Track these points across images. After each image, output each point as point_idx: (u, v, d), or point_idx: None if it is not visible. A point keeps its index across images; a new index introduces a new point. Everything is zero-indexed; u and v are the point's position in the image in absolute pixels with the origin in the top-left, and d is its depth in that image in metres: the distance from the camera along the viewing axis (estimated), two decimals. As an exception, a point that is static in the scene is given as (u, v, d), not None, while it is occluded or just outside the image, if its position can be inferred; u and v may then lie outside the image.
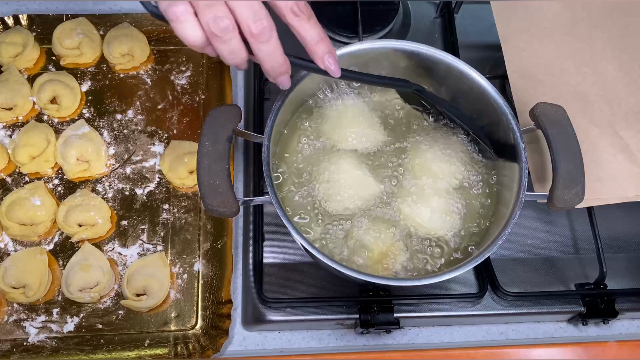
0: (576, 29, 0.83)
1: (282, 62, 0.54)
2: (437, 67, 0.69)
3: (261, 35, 0.50)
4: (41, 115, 0.83)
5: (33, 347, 0.70)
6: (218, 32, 0.49)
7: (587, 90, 0.80)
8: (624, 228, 0.81)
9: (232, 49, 0.51)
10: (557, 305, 0.75)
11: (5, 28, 0.87)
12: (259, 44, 0.51)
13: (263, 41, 0.51)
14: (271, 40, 0.51)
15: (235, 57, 0.52)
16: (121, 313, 0.73)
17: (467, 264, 0.59)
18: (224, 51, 0.51)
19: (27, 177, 0.79)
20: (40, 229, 0.75)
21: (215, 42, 0.50)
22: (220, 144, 0.60)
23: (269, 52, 0.52)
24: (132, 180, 0.80)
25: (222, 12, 0.49)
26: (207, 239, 0.76)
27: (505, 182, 0.68)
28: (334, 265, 0.58)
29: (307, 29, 0.53)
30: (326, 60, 0.55)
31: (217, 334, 0.71)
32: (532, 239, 0.79)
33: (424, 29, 0.92)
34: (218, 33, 0.49)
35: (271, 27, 0.51)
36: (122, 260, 0.75)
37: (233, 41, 0.50)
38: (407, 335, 0.75)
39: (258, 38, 0.51)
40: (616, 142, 0.76)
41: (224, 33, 0.49)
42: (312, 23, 0.53)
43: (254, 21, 0.50)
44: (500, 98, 0.66)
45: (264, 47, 0.51)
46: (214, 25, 0.49)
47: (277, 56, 0.53)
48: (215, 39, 0.50)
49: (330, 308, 0.72)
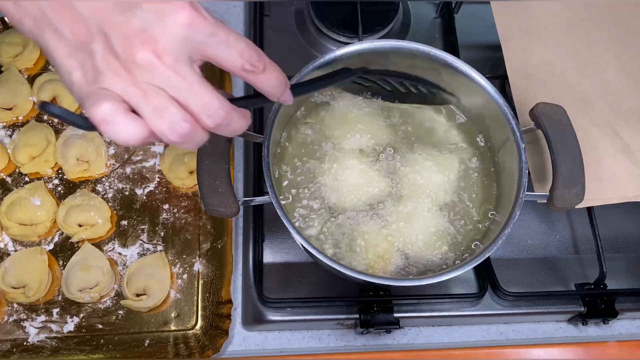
0: (576, 29, 0.83)
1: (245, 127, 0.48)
2: (437, 67, 0.69)
3: (220, 126, 0.45)
4: (41, 115, 0.83)
5: (33, 347, 0.70)
6: (178, 139, 0.43)
7: (587, 90, 0.80)
8: (624, 228, 0.81)
9: (198, 142, 0.45)
10: (557, 305, 0.75)
11: (5, 28, 0.87)
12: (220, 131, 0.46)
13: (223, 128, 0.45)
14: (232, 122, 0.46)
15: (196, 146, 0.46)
16: (121, 313, 0.73)
17: (467, 264, 0.59)
18: (189, 148, 0.46)
19: (27, 177, 0.79)
20: (40, 229, 0.75)
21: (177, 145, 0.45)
22: (220, 144, 0.60)
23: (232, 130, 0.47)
24: (132, 180, 0.80)
25: (177, 115, 0.42)
26: (207, 239, 0.76)
27: (505, 182, 0.68)
28: (334, 265, 0.58)
29: (262, 82, 0.47)
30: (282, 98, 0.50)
31: (217, 334, 0.71)
32: (532, 239, 0.79)
33: (424, 29, 0.92)
34: (179, 140, 0.43)
35: (228, 110, 0.45)
36: (122, 260, 0.75)
37: (197, 136, 0.45)
38: (407, 335, 0.75)
39: (218, 130, 0.45)
40: (616, 142, 0.76)
41: (186, 138, 0.43)
42: (267, 74, 0.47)
43: (208, 116, 0.44)
44: (500, 98, 0.66)
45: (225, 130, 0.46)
46: (171, 134, 0.43)
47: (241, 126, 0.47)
48: (177, 144, 0.44)
49: (330, 308, 0.72)
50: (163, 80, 0.42)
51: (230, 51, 0.44)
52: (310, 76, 0.67)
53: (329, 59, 0.67)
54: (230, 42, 0.44)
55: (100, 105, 0.41)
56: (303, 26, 0.90)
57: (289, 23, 0.91)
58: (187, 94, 0.43)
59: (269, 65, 0.47)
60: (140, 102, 0.42)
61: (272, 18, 0.90)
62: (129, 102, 0.42)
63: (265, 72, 0.47)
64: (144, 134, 0.42)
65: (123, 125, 0.42)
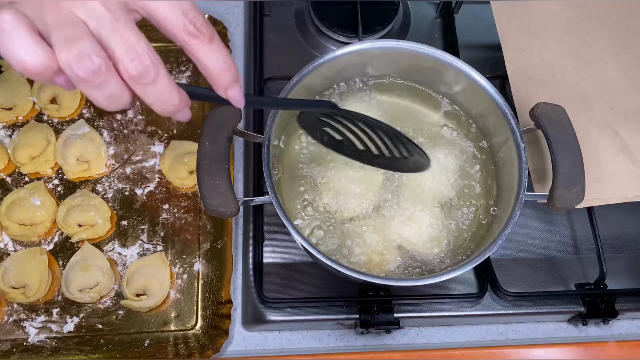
0: (576, 29, 0.83)
1: (177, 103, 0.41)
2: (437, 67, 0.70)
3: (143, 76, 0.38)
4: (41, 115, 0.83)
5: (33, 347, 0.70)
6: (86, 76, 0.36)
7: (587, 90, 0.80)
8: (624, 228, 0.81)
9: (109, 94, 0.38)
10: (557, 305, 0.75)
11: (5, 28, 0.87)
12: (144, 87, 0.39)
13: (147, 83, 0.39)
14: (158, 79, 0.39)
15: (114, 102, 0.39)
16: (121, 313, 0.73)
17: (467, 264, 0.59)
18: (99, 98, 0.39)
19: (27, 177, 0.79)
20: (40, 229, 0.75)
21: (83, 87, 0.38)
22: (220, 144, 0.60)
23: (158, 95, 0.40)
24: (132, 180, 0.80)
25: (89, 47, 0.36)
26: (207, 239, 0.76)
27: (505, 182, 0.68)
28: (334, 265, 0.58)
29: (207, 54, 0.41)
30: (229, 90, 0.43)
31: (217, 334, 0.71)
32: (532, 239, 0.79)
33: (424, 29, 0.92)
34: (86, 76, 0.36)
35: (156, 63, 0.38)
36: (122, 260, 0.75)
37: (110, 84, 0.38)
38: (407, 335, 0.75)
39: (140, 80, 0.38)
40: (616, 142, 0.76)
41: (94, 76, 0.37)
42: (215, 46, 0.41)
43: (130, 59, 0.37)
44: (500, 98, 0.67)
45: (150, 89, 0.39)
46: (78, 67, 0.36)
47: (170, 96, 0.40)
48: (83, 84, 0.37)
49: (330, 308, 0.72)
50: (88, 10, 0.37)
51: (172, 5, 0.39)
52: (311, 75, 0.67)
53: (329, 58, 0.67)
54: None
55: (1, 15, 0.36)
56: (303, 26, 0.90)
57: (289, 23, 0.91)
58: (111, 31, 0.37)
59: (217, 40, 0.41)
60: (53, 29, 0.37)
61: (272, 18, 0.91)
62: (40, 29, 0.37)
63: (212, 44, 0.41)
64: (46, 61, 0.36)
65: (21, 42, 0.36)
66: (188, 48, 0.41)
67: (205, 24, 0.40)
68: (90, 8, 0.37)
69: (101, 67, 0.37)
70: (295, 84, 0.66)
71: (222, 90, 0.43)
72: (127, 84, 0.39)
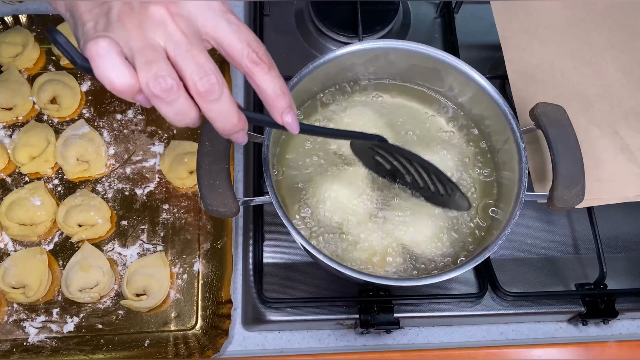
0: (576, 29, 0.83)
1: (236, 122, 0.45)
2: (437, 67, 0.69)
3: (209, 93, 0.43)
4: (41, 115, 0.83)
5: (33, 347, 0.70)
6: (160, 94, 0.42)
7: (587, 90, 0.80)
8: (624, 228, 0.81)
9: (178, 110, 0.43)
10: (557, 305, 0.75)
11: (5, 28, 0.87)
12: (208, 104, 0.43)
13: (212, 100, 0.43)
14: (222, 98, 0.44)
15: (184, 118, 0.44)
16: (121, 313, 0.73)
17: (467, 264, 0.59)
18: (169, 113, 0.43)
19: (27, 177, 0.79)
20: (40, 229, 0.75)
21: (157, 103, 0.43)
22: (220, 144, 0.60)
23: (220, 112, 0.44)
24: (132, 180, 0.80)
25: (164, 69, 0.42)
26: (207, 239, 0.76)
27: (505, 182, 0.68)
28: (334, 265, 0.58)
29: (267, 81, 0.46)
30: (285, 116, 0.48)
31: (217, 334, 0.71)
32: (532, 239, 0.79)
33: (424, 29, 0.92)
34: (160, 94, 0.42)
35: (221, 83, 0.43)
36: (122, 260, 0.75)
37: (179, 102, 0.43)
38: (407, 335, 0.75)
39: (206, 97, 0.43)
40: (616, 142, 0.76)
41: (167, 94, 0.42)
42: (274, 74, 0.46)
43: (199, 77, 0.42)
44: (500, 98, 0.66)
45: (214, 106, 0.44)
46: (154, 85, 0.41)
47: (230, 115, 0.45)
48: (157, 101, 0.42)
49: (330, 308, 0.72)
50: (167, 35, 0.43)
51: (239, 37, 0.44)
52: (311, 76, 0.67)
53: (329, 58, 0.67)
54: (241, 29, 0.45)
55: (98, 41, 0.41)
56: (303, 26, 0.90)
57: (289, 23, 0.91)
58: (185, 53, 0.43)
59: (275, 69, 0.46)
60: (137, 53, 0.42)
61: (272, 18, 0.91)
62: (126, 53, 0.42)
63: (270, 72, 0.46)
64: (131, 81, 0.42)
65: (112, 64, 0.41)
66: (250, 74, 0.46)
67: (265, 54, 0.45)
68: (169, 33, 0.43)
69: (173, 87, 0.42)
70: (295, 84, 0.66)
71: (279, 115, 0.48)
72: (194, 102, 0.44)
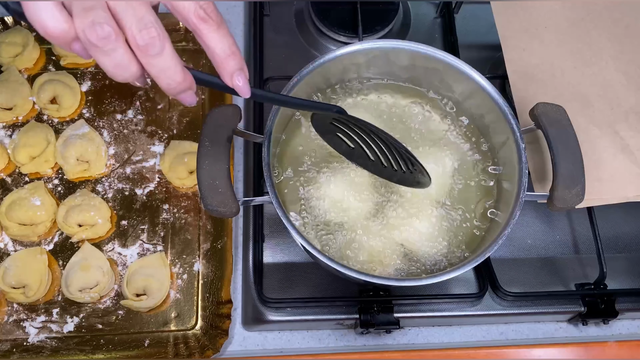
0: (576, 29, 0.83)
1: (180, 80, 0.44)
2: (437, 67, 0.69)
3: (149, 47, 0.41)
4: (41, 115, 0.83)
5: (33, 347, 0.70)
6: (96, 41, 0.40)
7: (587, 90, 0.80)
8: (624, 228, 0.81)
9: (118, 63, 0.41)
10: (557, 305, 0.75)
11: (5, 28, 0.87)
12: (149, 59, 0.42)
13: (153, 55, 0.41)
14: (164, 53, 0.42)
15: (124, 71, 0.42)
16: (121, 313, 0.73)
17: (467, 264, 0.59)
18: (108, 65, 0.42)
19: (27, 177, 0.79)
20: (40, 229, 0.75)
21: (94, 52, 0.41)
22: (220, 144, 0.60)
23: (162, 68, 0.43)
24: (132, 180, 0.80)
25: (102, 17, 0.40)
26: (207, 239, 0.76)
27: (505, 182, 0.68)
28: (334, 265, 0.58)
29: (215, 39, 0.44)
30: (235, 78, 0.45)
31: (217, 334, 0.71)
32: (532, 239, 0.79)
33: (424, 29, 0.92)
34: (97, 42, 0.40)
35: (162, 38, 0.41)
36: (122, 260, 0.75)
37: (118, 53, 0.41)
38: (407, 335, 0.75)
39: (146, 51, 0.41)
40: (616, 142, 0.76)
41: (104, 43, 0.40)
42: (223, 32, 0.44)
43: (139, 30, 0.40)
44: (500, 98, 0.66)
45: (155, 61, 0.42)
46: (91, 33, 0.40)
47: (174, 72, 0.43)
48: (94, 49, 0.41)
49: (330, 308, 0.72)
50: None
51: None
52: (311, 75, 0.67)
53: (329, 58, 0.67)
54: None
55: None
56: (303, 26, 0.90)
57: (289, 23, 0.91)
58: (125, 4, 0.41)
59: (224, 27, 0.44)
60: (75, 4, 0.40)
61: (272, 18, 0.91)
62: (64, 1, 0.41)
63: (219, 30, 0.44)
64: (64, 27, 0.40)
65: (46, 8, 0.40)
66: (197, 32, 0.44)
67: (214, 10, 0.43)
68: None
69: (110, 35, 0.40)
70: (295, 84, 0.66)
71: (228, 77, 0.45)
72: (134, 55, 0.42)
